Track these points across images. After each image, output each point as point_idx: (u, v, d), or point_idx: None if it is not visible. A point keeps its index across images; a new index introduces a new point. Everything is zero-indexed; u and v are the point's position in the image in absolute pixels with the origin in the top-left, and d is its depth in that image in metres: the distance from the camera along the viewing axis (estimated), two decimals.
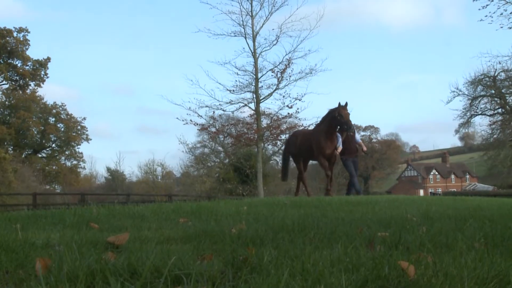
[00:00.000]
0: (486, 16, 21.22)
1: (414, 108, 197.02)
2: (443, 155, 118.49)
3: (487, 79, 44.59)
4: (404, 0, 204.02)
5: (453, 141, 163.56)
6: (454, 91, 44.32)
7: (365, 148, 17.09)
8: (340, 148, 15.73)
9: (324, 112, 15.95)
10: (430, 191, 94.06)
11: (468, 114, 46.40)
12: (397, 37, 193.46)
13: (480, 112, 46.70)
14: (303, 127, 28.87)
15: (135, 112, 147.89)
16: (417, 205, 7.78)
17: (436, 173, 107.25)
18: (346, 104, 15.27)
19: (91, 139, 66.41)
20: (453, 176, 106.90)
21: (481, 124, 58.43)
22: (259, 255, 2.41)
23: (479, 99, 46.01)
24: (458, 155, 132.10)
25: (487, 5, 21.16)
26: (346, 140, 16.12)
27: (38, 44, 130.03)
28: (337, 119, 15.24)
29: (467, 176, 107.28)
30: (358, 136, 17.05)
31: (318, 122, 16.50)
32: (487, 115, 46.86)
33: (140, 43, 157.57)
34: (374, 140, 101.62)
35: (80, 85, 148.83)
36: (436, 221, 4.67)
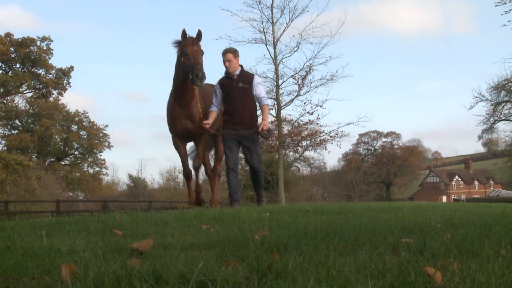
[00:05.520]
0: (509, 21, 21.08)
1: (436, 114, 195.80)
2: (466, 161, 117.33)
3: (510, 84, 44.13)
4: (414, 8, 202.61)
5: (476, 147, 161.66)
6: (477, 97, 43.88)
7: (266, 125, 9.09)
8: (208, 121, 9.02)
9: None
10: (453, 197, 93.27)
11: (492, 119, 45.96)
12: (411, 43, 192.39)
13: (503, 118, 46.21)
14: (324, 134, 28.83)
15: (149, 119, 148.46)
16: (440, 211, 7.71)
17: (459, 179, 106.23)
18: (199, 34, 8.95)
19: (113, 146, 67.03)
20: (476, 183, 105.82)
21: (505, 130, 57.56)
22: (283, 261, 2.40)
23: (503, 105, 45.54)
24: (482, 161, 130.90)
25: (510, 10, 21.02)
26: (231, 96, 9.18)
27: (60, 53, 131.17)
28: (180, 63, 8.96)
29: (491, 182, 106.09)
30: (261, 91, 9.38)
31: None
32: (511, 121, 46.37)
33: (158, 51, 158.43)
34: (395, 147, 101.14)
35: (95, 93, 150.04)
36: (461, 227, 4.62)
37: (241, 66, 9.35)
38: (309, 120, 28.42)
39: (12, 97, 56.95)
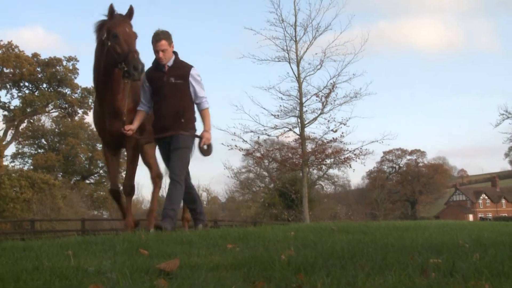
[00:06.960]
0: None
1: (461, 132, 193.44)
2: (492, 179, 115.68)
3: None
4: (436, 24, 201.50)
5: (503, 165, 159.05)
6: (503, 114, 43.34)
7: (208, 139, 7.19)
8: (131, 127, 7.10)
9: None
10: (480, 216, 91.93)
11: None
12: (434, 60, 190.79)
13: None
14: (348, 152, 28.66)
15: None
16: (467, 230, 7.60)
17: (486, 197, 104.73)
18: (130, 11, 7.09)
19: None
20: (503, 201, 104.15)
21: None
22: (311, 283, 2.38)
23: None
24: (509, 179, 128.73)
25: None
26: (160, 94, 7.20)
27: (85, 73, 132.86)
28: (107, 48, 6.90)
29: None
30: (200, 89, 7.31)
31: None
32: None
33: None
34: (420, 164, 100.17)
35: None
36: (490, 247, 4.55)
37: (175, 53, 7.34)
38: (333, 138, 28.30)
39: (38, 117, 57.76)
